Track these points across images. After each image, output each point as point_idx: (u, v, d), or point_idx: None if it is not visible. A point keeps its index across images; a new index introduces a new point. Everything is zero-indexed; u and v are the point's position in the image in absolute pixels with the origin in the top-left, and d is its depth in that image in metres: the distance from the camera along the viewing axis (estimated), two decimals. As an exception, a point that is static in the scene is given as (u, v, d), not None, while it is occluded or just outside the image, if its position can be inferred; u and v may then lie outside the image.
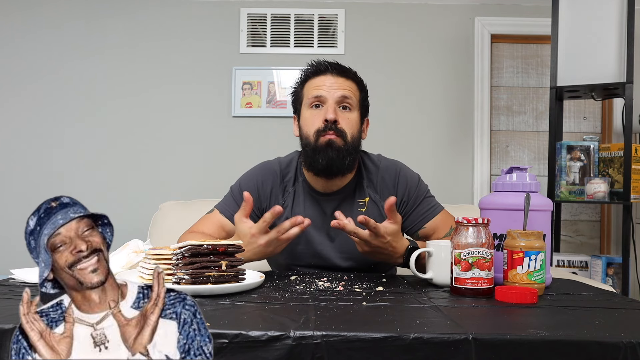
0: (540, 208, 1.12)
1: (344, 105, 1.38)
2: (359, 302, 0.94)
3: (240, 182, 1.49)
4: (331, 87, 1.37)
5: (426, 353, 0.72)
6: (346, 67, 1.44)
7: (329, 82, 1.38)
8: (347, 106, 1.38)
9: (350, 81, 1.41)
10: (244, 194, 1.22)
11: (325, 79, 1.39)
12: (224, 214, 1.44)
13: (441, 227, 1.41)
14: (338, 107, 1.37)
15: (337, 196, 1.44)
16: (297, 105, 1.46)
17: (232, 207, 1.44)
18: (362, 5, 2.93)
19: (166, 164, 2.89)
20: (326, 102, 1.37)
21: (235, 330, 0.73)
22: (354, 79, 1.43)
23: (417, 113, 2.91)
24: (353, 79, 1.43)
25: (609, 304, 0.99)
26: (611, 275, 2.44)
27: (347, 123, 1.37)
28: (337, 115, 1.36)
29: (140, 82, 2.90)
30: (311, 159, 1.37)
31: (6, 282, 1.08)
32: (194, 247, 1.00)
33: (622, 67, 2.32)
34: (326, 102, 1.37)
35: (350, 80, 1.41)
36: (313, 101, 1.39)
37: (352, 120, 1.39)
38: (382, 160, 1.49)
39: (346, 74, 1.41)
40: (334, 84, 1.38)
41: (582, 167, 2.47)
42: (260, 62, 2.91)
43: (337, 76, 1.39)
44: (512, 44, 3.02)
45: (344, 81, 1.40)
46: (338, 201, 1.43)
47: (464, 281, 1.02)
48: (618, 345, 0.72)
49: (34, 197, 3.09)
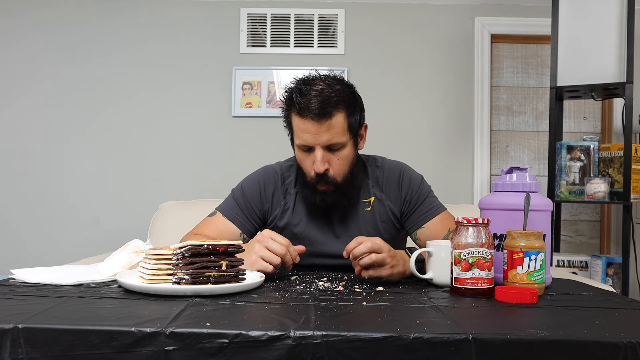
0: (540, 208, 1.12)
1: (332, 148, 1.33)
2: (359, 302, 0.94)
3: (242, 185, 1.50)
4: (315, 134, 1.30)
5: (426, 353, 0.72)
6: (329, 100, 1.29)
7: (312, 129, 1.29)
8: (336, 148, 1.33)
9: (335, 116, 1.30)
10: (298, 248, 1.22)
11: (308, 125, 1.29)
12: (227, 216, 1.44)
13: (440, 228, 1.41)
14: (327, 150, 1.32)
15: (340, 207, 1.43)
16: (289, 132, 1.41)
17: (234, 210, 1.44)
18: (362, 5, 2.93)
19: (166, 164, 2.89)
20: (314, 149, 1.32)
21: (236, 330, 0.73)
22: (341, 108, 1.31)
23: (417, 113, 2.91)
24: (340, 110, 1.31)
25: (609, 304, 0.99)
26: (611, 275, 2.44)
27: (337, 165, 1.34)
28: (326, 162, 1.32)
29: (140, 82, 2.89)
30: (311, 197, 1.38)
31: (6, 282, 1.08)
32: (194, 247, 1.00)
33: (622, 67, 2.32)
34: (314, 149, 1.32)
35: (335, 115, 1.30)
36: (301, 147, 1.34)
37: (343, 159, 1.35)
38: (387, 162, 1.51)
39: (330, 113, 1.28)
40: (317, 131, 1.29)
41: (582, 167, 2.47)
42: (260, 62, 2.91)
43: (320, 122, 1.28)
44: (512, 44, 3.02)
45: (329, 124, 1.29)
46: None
47: (464, 281, 1.02)
48: (618, 345, 0.72)
49: (34, 198, 3.11)
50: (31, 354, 0.73)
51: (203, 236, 1.39)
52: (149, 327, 0.73)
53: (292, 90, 1.33)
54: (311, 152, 1.33)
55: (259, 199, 1.46)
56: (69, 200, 2.86)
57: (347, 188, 1.38)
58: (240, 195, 1.46)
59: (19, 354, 0.73)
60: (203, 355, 0.72)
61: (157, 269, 1.02)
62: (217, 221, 1.44)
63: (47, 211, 2.86)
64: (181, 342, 0.72)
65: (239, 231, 1.43)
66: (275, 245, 1.18)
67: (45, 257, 2.68)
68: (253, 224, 1.46)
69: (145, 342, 0.72)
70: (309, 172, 1.36)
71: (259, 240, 1.19)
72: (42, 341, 0.73)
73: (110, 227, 2.84)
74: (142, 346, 0.72)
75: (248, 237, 1.46)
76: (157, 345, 0.72)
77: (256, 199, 1.46)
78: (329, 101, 1.29)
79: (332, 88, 1.32)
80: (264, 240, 1.18)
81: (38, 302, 0.88)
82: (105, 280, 1.10)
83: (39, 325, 0.74)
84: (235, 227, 1.43)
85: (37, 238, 2.86)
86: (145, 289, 0.98)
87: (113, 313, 0.83)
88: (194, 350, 0.72)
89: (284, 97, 1.37)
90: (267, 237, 1.19)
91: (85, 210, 2.86)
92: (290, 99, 1.33)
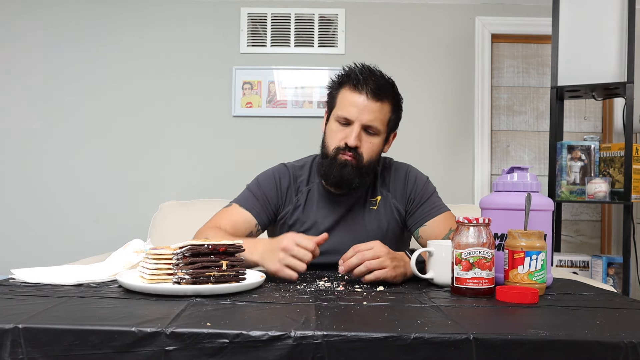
0: (541, 208, 1.12)
1: (369, 131, 1.38)
2: (360, 302, 0.94)
3: (258, 179, 1.52)
4: (362, 110, 1.36)
5: (427, 353, 0.72)
6: (385, 87, 1.39)
7: (361, 104, 1.36)
8: (372, 132, 1.39)
9: (384, 103, 1.38)
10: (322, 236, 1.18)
11: (359, 99, 1.36)
12: (244, 206, 1.45)
13: (442, 227, 1.42)
14: (363, 130, 1.38)
15: (350, 196, 1.47)
16: (329, 106, 1.46)
17: (251, 200, 1.47)
18: (362, 4, 2.93)
19: (166, 164, 2.88)
20: (353, 124, 1.37)
21: (236, 330, 0.73)
22: (390, 99, 1.40)
23: (417, 112, 2.90)
24: (389, 101, 1.40)
25: (609, 304, 0.99)
26: (612, 275, 2.44)
27: (367, 147, 1.39)
28: (359, 140, 1.37)
29: (140, 82, 2.89)
30: (325, 169, 1.41)
31: (6, 282, 1.08)
32: (194, 247, 1.00)
33: (622, 67, 2.31)
34: (352, 124, 1.37)
35: (385, 102, 1.38)
36: (341, 119, 1.39)
37: (374, 145, 1.40)
38: (394, 163, 1.56)
39: (382, 97, 1.37)
40: (365, 107, 1.36)
41: (582, 166, 2.47)
42: (260, 61, 2.90)
43: (371, 100, 1.36)
44: (513, 44, 3.01)
45: (378, 106, 1.37)
46: (351, 201, 1.47)
47: (464, 281, 1.02)
48: (619, 345, 0.72)
49: (34, 198, 3.10)
50: (31, 354, 0.73)
51: (219, 229, 1.39)
52: (149, 327, 0.73)
53: (353, 69, 1.41)
54: (347, 126, 1.38)
55: (275, 192, 1.49)
56: (69, 200, 2.86)
57: (366, 171, 1.40)
58: (257, 187, 1.49)
59: (19, 354, 0.73)
60: (203, 355, 0.72)
61: (158, 268, 1.02)
62: (233, 211, 1.45)
63: (47, 211, 2.86)
64: (181, 342, 0.72)
65: (254, 221, 1.44)
66: (301, 252, 1.12)
67: (45, 257, 2.68)
68: (267, 216, 1.48)
69: (146, 342, 0.72)
70: (337, 143, 1.39)
71: (283, 248, 1.13)
72: (42, 341, 0.73)
73: (110, 227, 2.84)
74: (143, 346, 0.72)
75: (262, 228, 1.48)
76: (157, 345, 0.72)
77: (272, 192, 1.48)
78: (385, 87, 1.39)
79: (387, 82, 1.42)
80: (289, 249, 1.13)
81: (38, 302, 0.88)
82: (105, 280, 1.10)
83: (39, 325, 0.74)
84: (252, 217, 1.44)
85: (37, 238, 2.85)
86: (145, 289, 0.98)
87: (113, 313, 0.83)
88: (194, 350, 0.72)
89: (338, 73, 1.44)
90: (292, 244, 1.13)
91: (85, 210, 2.86)
92: (348, 75, 1.40)
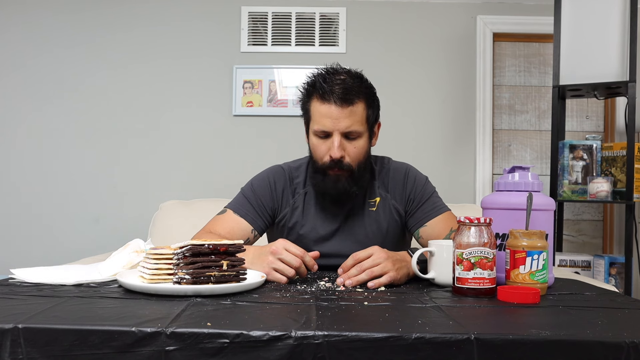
0: (542, 207, 1.11)
1: (350, 136, 1.35)
2: (361, 302, 0.94)
3: (252, 182, 1.50)
4: (336, 120, 1.32)
5: (428, 353, 0.72)
6: (352, 87, 1.34)
7: (334, 114, 1.32)
8: (353, 137, 1.36)
9: (357, 104, 1.33)
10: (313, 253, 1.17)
11: (330, 109, 1.32)
12: (238, 213, 1.44)
13: (443, 227, 1.41)
14: (344, 137, 1.34)
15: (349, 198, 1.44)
16: (305, 119, 1.43)
17: (245, 206, 1.45)
18: (363, 3, 2.92)
19: (167, 164, 2.88)
20: (332, 135, 1.34)
21: (237, 330, 0.73)
22: (362, 97, 1.35)
23: (418, 112, 2.90)
24: (361, 99, 1.35)
25: (611, 303, 0.98)
26: (614, 275, 2.43)
27: (353, 152, 1.36)
28: (343, 149, 1.34)
29: (141, 81, 2.89)
30: (319, 186, 1.40)
31: (6, 282, 1.08)
32: (195, 247, 1.00)
33: (624, 66, 2.31)
34: (332, 135, 1.34)
35: (357, 103, 1.33)
36: (319, 132, 1.35)
37: (359, 148, 1.37)
38: (392, 163, 1.53)
39: (352, 100, 1.32)
40: (339, 115, 1.32)
41: (584, 166, 2.46)
42: (261, 60, 2.90)
43: (342, 107, 1.31)
44: (515, 43, 3.01)
45: (350, 110, 1.32)
46: (350, 203, 1.45)
47: (466, 281, 1.01)
48: (621, 345, 0.72)
49: (34, 198, 3.10)
50: (31, 354, 0.72)
51: (215, 234, 1.38)
52: (149, 327, 0.73)
53: (316, 77, 1.37)
54: (327, 138, 1.35)
55: (270, 196, 1.46)
56: (69, 200, 2.86)
57: (360, 176, 1.39)
58: (251, 192, 1.47)
59: (19, 354, 0.72)
60: (204, 355, 0.72)
61: (158, 268, 1.02)
62: (227, 218, 1.43)
63: (47, 211, 2.86)
64: (182, 342, 0.72)
65: (250, 227, 1.43)
66: (289, 257, 1.13)
67: (45, 257, 2.68)
68: (264, 221, 1.46)
69: (146, 342, 0.72)
70: (323, 158, 1.36)
71: (272, 251, 1.14)
72: (42, 341, 0.73)
73: (111, 227, 2.84)
74: (143, 346, 0.72)
75: (259, 234, 1.46)
76: (157, 345, 0.72)
77: (267, 196, 1.46)
78: (352, 89, 1.33)
79: (354, 79, 1.36)
80: (277, 252, 1.14)
81: (38, 302, 0.88)
82: (105, 280, 1.10)
83: (39, 325, 0.74)
84: (247, 224, 1.42)
85: (37, 238, 2.85)
86: (145, 289, 0.97)
87: (113, 313, 0.82)
88: (194, 350, 0.72)
89: (304, 84, 1.40)
90: (281, 248, 1.14)
91: (86, 210, 2.86)
92: (313, 85, 1.37)
